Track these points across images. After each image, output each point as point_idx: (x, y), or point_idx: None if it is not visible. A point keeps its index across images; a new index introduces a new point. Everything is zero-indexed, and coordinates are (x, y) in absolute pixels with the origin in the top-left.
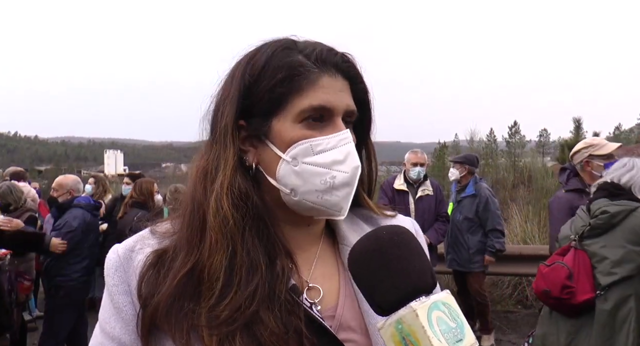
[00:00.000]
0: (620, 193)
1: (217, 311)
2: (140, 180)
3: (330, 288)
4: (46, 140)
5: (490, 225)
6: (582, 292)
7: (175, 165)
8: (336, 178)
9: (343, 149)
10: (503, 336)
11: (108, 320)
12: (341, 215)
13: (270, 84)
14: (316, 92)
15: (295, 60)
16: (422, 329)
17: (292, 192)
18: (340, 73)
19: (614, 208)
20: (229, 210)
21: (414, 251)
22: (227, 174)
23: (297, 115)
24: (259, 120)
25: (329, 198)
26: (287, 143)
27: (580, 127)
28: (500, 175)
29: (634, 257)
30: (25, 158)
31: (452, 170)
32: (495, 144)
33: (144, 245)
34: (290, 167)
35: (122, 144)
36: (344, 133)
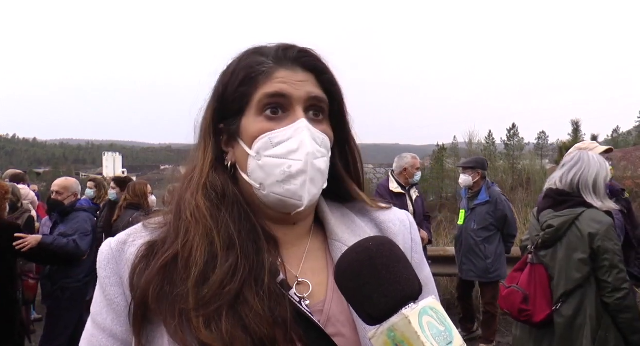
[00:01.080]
0: (565, 200)
1: (202, 293)
2: (134, 182)
3: (319, 282)
4: (45, 143)
5: (507, 231)
6: (540, 311)
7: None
8: (292, 167)
9: (297, 138)
10: (502, 338)
11: (100, 312)
12: (302, 204)
13: (235, 85)
14: (271, 82)
15: (254, 60)
16: (416, 334)
17: (261, 187)
18: (300, 66)
19: (557, 220)
20: (201, 200)
21: (401, 259)
22: (204, 171)
23: (257, 108)
24: (231, 121)
25: (289, 187)
26: (251, 137)
27: (578, 130)
28: (498, 177)
29: (580, 267)
30: (24, 161)
31: (463, 176)
32: (494, 146)
33: (137, 237)
34: (256, 162)
35: (120, 146)
36: (299, 122)
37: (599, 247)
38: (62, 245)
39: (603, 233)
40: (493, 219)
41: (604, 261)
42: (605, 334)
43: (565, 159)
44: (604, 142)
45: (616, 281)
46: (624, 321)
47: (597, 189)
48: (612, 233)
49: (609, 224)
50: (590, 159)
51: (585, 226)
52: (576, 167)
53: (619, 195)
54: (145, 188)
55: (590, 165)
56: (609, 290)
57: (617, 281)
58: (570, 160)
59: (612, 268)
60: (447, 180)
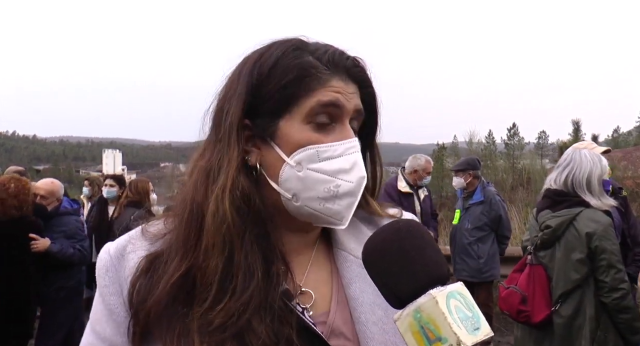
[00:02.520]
0: (562, 200)
1: (210, 317)
2: (135, 179)
3: (322, 293)
4: (44, 140)
5: (501, 231)
6: (539, 312)
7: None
8: (340, 187)
9: (350, 158)
10: (501, 337)
11: (99, 321)
12: (342, 224)
13: (280, 83)
14: (326, 90)
15: (306, 61)
16: (443, 316)
17: (293, 197)
18: (350, 77)
19: (555, 221)
20: (229, 211)
21: (429, 242)
22: (230, 175)
23: (306, 116)
24: (265, 120)
25: (331, 206)
26: (293, 146)
27: (579, 130)
28: (499, 176)
29: (578, 267)
30: (24, 158)
31: (456, 179)
32: (494, 146)
33: (135, 246)
34: (294, 172)
35: (120, 144)
36: (351, 141)
37: (596, 247)
38: (69, 255)
39: (601, 232)
40: (487, 219)
41: (601, 261)
42: (604, 334)
43: (560, 159)
44: (604, 142)
45: (614, 281)
46: (622, 322)
47: (591, 187)
48: (610, 233)
49: (607, 223)
50: (582, 158)
51: (583, 226)
52: (569, 167)
53: (616, 193)
54: (147, 186)
55: (582, 164)
56: (606, 290)
57: (615, 281)
58: (563, 161)
59: (609, 268)
60: (447, 179)
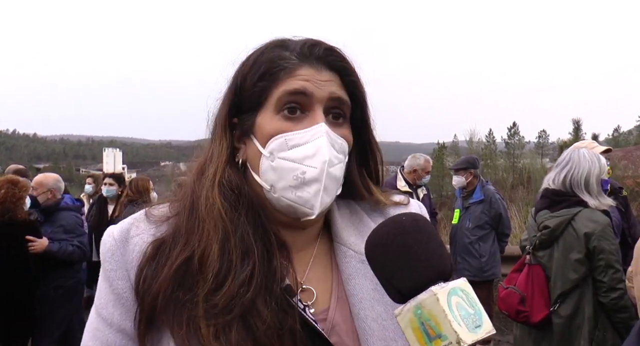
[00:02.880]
0: (561, 200)
1: (215, 300)
2: (136, 178)
3: (323, 289)
4: (45, 138)
5: (501, 229)
6: (537, 312)
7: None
8: (306, 174)
9: (314, 144)
10: (502, 336)
11: (105, 305)
12: (313, 213)
13: (254, 79)
14: (293, 79)
15: (277, 54)
16: (443, 313)
17: (272, 189)
18: (325, 65)
19: (553, 221)
20: (217, 199)
21: (433, 237)
22: (219, 167)
23: (275, 105)
24: (247, 116)
25: (301, 194)
26: (266, 136)
27: (579, 129)
28: (499, 176)
29: (576, 267)
30: (24, 156)
31: (456, 177)
32: (495, 145)
33: (140, 229)
34: (269, 162)
35: (121, 142)
36: (317, 126)
37: (594, 247)
38: (69, 253)
39: (599, 232)
40: (488, 217)
41: (599, 261)
42: (602, 334)
43: (559, 159)
44: (604, 141)
45: (612, 281)
46: (620, 321)
47: (589, 187)
48: (608, 233)
49: (605, 223)
50: (580, 157)
51: (581, 226)
52: (567, 167)
53: (616, 193)
54: (147, 185)
55: (580, 164)
56: (604, 289)
57: (613, 281)
58: (562, 160)
59: (607, 268)
60: (447, 178)
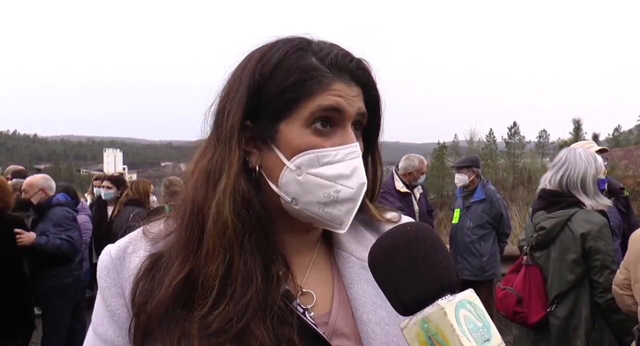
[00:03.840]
0: (557, 201)
1: (209, 321)
2: (137, 180)
3: (323, 294)
4: (45, 139)
5: (502, 229)
6: (534, 313)
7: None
8: (340, 193)
9: (350, 163)
10: (502, 336)
11: (101, 322)
12: (342, 229)
13: (281, 86)
14: (327, 94)
15: (308, 63)
16: (451, 328)
17: (293, 201)
18: (354, 80)
19: (549, 222)
20: (229, 216)
21: (439, 248)
22: (232, 178)
23: (306, 119)
24: (266, 122)
25: (331, 211)
26: (293, 149)
27: (579, 128)
28: (499, 175)
29: (573, 268)
30: (24, 157)
31: (459, 176)
32: (495, 145)
33: (137, 247)
34: (294, 176)
35: (121, 143)
36: (352, 146)
37: (590, 248)
38: (57, 246)
39: (595, 233)
40: (489, 217)
41: (595, 262)
42: (599, 334)
43: (555, 159)
44: (604, 140)
45: (607, 282)
46: (615, 322)
47: (586, 188)
48: (604, 233)
49: (602, 224)
50: (577, 158)
51: (578, 227)
52: (563, 168)
53: (617, 193)
54: (148, 187)
55: (576, 165)
56: (600, 290)
57: (609, 281)
58: (558, 161)
59: (603, 269)
60: (448, 178)
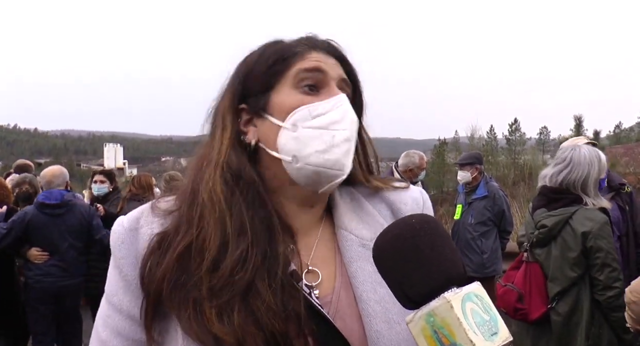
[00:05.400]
0: (558, 198)
1: (213, 282)
2: (139, 174)
3: (328, 273)
4: (46, 133)
5: (503, 226)
6: (535, 309)
7: (175, 159)
8: (335, 137)
9: (339, 110)
10: None
11: (115, 292)
12: (343, 172)
13: (266, 65)
14: (306, 60)
15: (286, 44)
16: (457, 321)
17: (293, 159)
18: (330, 53)
19: (550, 220)
20: (218, 181)
21: (445, 240)
22: (222, 150)
23: (292, 81)
24: (257, 98)
25: (330, 157)
26: (287, 110)
27: (580, 125)
28: (500, 172)
29: (574, 265)
30: (25, 151)
31: (462, 172)
32: (496, 141)
33: (148, 220)
34: (290, 134)
35: (121, 138)
36: (338, 97)
37: (591, 246)
38: None
39: (596, 231)
40: (491, 214)
41: (596, 260)
42: (598, 331)
43: (557, 156)
44: (605, 137)
45: (608, 280)
46: (616, 320)
47: (586, 189)
48: (605, 232)
49: (603, 222)
50: (581, 158)
51: (579, 225)
52: (567, 168)
53: (618, 189)
54: (150, 181)
55: (580, 166)
56: (600, 287)
57: (609, 279)
58: (561, 161)
59: (604, 266)
60: (448, 174)
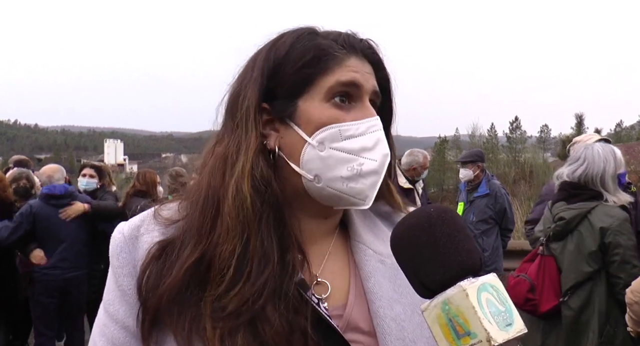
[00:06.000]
0: (578, 193)
1: (224, 302)
2: (143, 170)
3: (340, 285)
4: (46, 129)
5: (505, 225)
6: (547, 301)
7: (175, 156)
8: (364, 166)
9: (372, 136)
10: None
11: (112, 302)
12: (365, 204)
13: (298, 64)
14: (344, 70)
15: (321, 42)
16: (473, 310)
17: (315, 178)
18: (366, 57)
19: (569, 213)
20: (249, 193)
21: (462, 230)
22: (249, 157)
23: (326, 93)
24: (284, 101)
25: (355, 185)
26: (315, 124)
27: (581, 123)
28: (501, 170)
29: (591, 260)
30: (25, 147)
31: (464, 171)
32: (496, 139)
33: (149, 228)
34: (316, 152)
35: (122, 134)
36: (374, 119)
37: (610, 242)
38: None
39: (615, 227)
40: (492, 212)
41: (615, 257)
42: (613, 330)
43: (571, 156)
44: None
45: (629, 278)
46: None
47: (605, 185)
48: (625, 228)
49: (623, 218)
50: (595, 155)
51: (597, 220)
52: (582, 166)
53: (625, 189)
54: (155, 178)
55: (594, 163)
56: (620, 286)
57: (630, 277)
58: (575, 160)
59: (623, 264)
60: (449, 172)
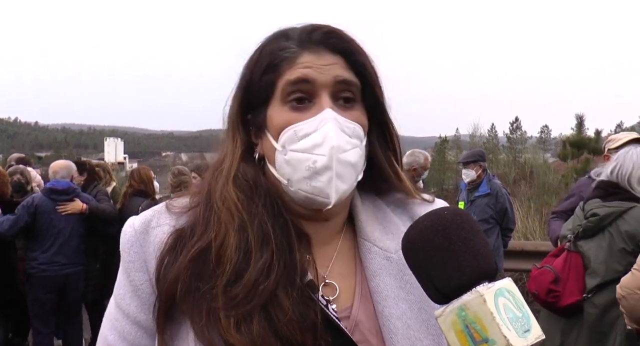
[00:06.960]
0: (615, 192)
1: (235, 291)
2: (137, 168)
3: (347, 287)
4: (46, 127)
5: (505, 224)
6: (569, 295)
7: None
8: (317, 163)
9: (322, 131)
10: None
11: (124, 297)
12: (329, 201)
13: (259, 73)
14: (294, 68)
15: (277, 46)
16: (491, 315)
17: (288, 182)
18: (327, 49)
19: (603, 210)
20: (232, 192)
21: (477, 233)
22: (234, 163)
23: (281, 97)
24: (257, 111)
25: (316, 184)
26: (277, 130)
27: (582, 124)
28: (501, 170)
29: (621, 259)
30: (26, 144)
31: (466, 171)
32: (497, 139)
33: (160, 221)
34: (282, 156)
35: (122, 132)
36: (324, 113)
37: None
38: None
39: None
40: (493, 211)
41: None
42: None
43: (612, 158)
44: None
45: None
46: None
47: (633, 187)
48: None
49: None
50: (626, 157)
51: (633, 222)
52: (613, 165)
53: None
54: (150, 174)
55: (624, 164)
56: None
57: None
58: (614, 161)
59: None
60: (449, 172)
